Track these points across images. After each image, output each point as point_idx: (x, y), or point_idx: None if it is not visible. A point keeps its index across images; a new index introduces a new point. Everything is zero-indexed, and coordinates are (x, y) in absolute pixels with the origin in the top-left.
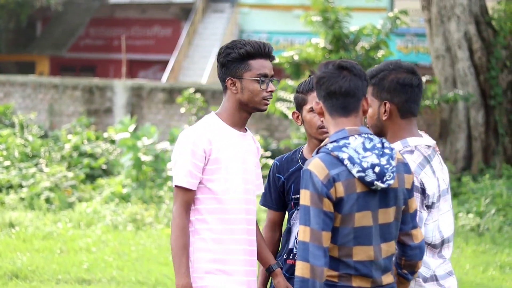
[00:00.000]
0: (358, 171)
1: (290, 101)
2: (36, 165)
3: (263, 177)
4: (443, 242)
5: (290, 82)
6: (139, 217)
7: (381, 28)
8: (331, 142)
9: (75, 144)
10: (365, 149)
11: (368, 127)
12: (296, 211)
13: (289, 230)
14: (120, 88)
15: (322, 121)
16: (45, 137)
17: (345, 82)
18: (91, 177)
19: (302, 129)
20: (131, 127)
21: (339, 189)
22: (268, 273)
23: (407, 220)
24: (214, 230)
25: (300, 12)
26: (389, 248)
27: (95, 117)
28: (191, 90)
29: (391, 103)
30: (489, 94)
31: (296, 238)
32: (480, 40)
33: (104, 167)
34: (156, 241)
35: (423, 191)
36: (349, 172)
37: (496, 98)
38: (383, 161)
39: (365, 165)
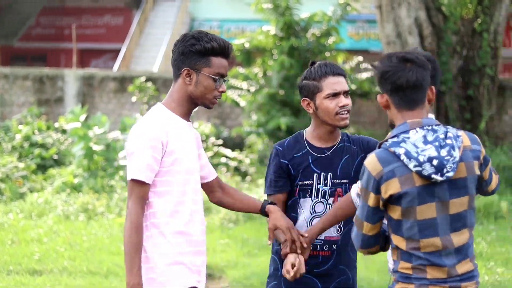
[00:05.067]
0: (415, 166)
1: (241, 89)
2: None
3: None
4: None
5: (241, 70)
6: (90, 207)
7: (331, 14)
8: (392, 137)
9: (26, 134)
10: (425, 142)
11: None
12: (302, 199)
13: (294, 220)
14: (71, 78)
15: (340, 107)
16: None
17: (412, 75)
18: (42, 167)
19: (254, 117)
20: (82, 117)
21: (395, 185)
22: (263, 213)
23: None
24: (171, 223)
25: None
26: (462, 236)
27: (46, 107)
28: (142, 78)
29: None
30: (440, 80)
31: (308, 227)
32: (431, 26)
33: (56, 157)
34: (108, 230)
35: None
36: (406, 167)
37: (446, 84)
38: (443, 152)
39: (421, 159)
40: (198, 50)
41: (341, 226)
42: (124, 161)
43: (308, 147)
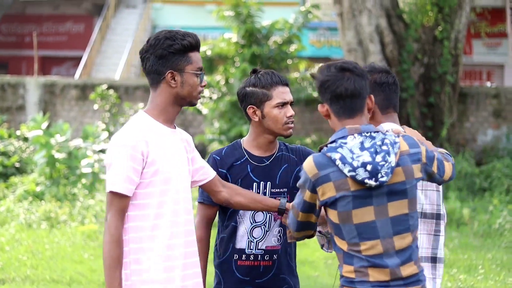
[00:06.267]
0: (349, 171)
1: (203, 96)
2: None
3: None
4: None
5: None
6: (53, 215)
7: (293, 22)
8: (330, 142)
9: None
10: (362, 149)
11: None
12: None
13: (234, 229)
14: (33, 85)
15: (288, 117)
16: None
17: (350, 84)
18: (4, 176)
19: (216, 124)
20: (44, 125)
21: (331, 189)
22: (281, 213)
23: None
24: (152, 237)
25: (213, 7)
26: (404, 240)
27: (7, 114)
28: (104, 86)
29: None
30: (401, 87)
31: (248, 238)
32: (392, 33)
33: (17, 165)
34: (71, 239)
35: None
36: (341, 172)
37: (408, 91)
38: (378, 158)
39: (355, 164)
40: (178, 49)
41: (281, 235)
42: (86, 169)
43: (247, 156)
